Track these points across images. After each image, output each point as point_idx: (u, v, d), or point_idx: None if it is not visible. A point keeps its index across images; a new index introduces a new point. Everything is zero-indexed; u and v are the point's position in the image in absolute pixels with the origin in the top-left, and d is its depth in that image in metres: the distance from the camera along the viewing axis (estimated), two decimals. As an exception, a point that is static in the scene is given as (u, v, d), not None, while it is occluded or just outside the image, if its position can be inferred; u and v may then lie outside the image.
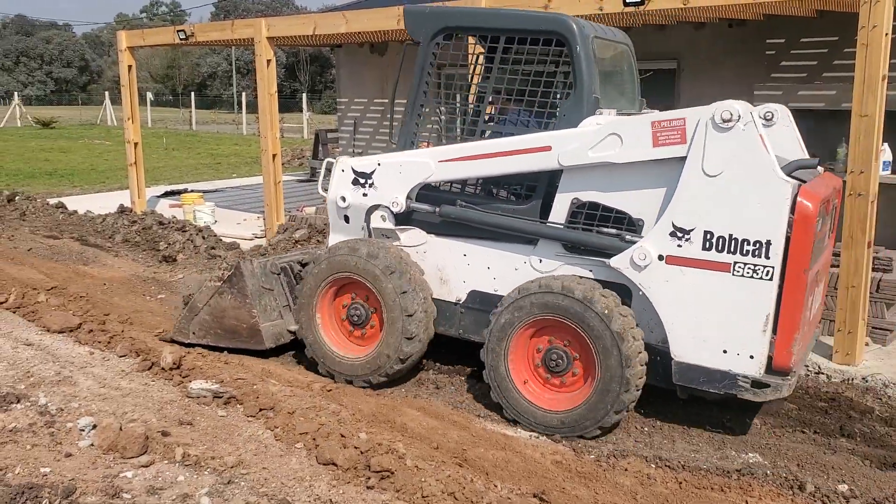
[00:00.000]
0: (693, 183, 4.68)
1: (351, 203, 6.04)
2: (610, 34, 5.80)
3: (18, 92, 56.61)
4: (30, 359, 6.05)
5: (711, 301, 4.70)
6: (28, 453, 4.46)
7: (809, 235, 4.46)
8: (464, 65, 5.86)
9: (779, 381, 4.63)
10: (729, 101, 4.65)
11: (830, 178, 5.42)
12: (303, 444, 4.68)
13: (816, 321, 5.63)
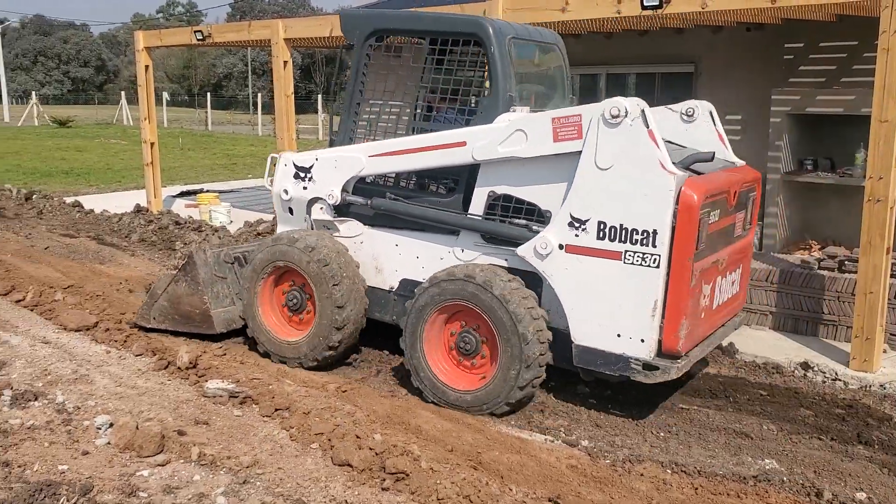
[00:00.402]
0: (587, 176, 4.97)
1: (293, 196, 6.40)
2: (537, 35, 6.16)
3: (36, 91, 57.03)
4: (47, 357, 6.09)
5: (606, 287, 4.97)
6: (46, 451, 4.49)
7: (693, 225, 4.71)
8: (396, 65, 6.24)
9: (668, 364, 4.87)
10: (618, 98, 4.90)
11: (741, 170, 5.72)
12: (318, 445, 4.68)
13: (733, 309, 5.86)
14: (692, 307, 4.93)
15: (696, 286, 4.96)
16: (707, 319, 5.32)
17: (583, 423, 5.32)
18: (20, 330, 6.76)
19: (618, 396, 5.79)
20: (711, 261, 5.13)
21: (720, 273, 5.37)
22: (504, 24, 5.78)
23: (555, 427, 5.22)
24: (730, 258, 5.51)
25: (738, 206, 5.51)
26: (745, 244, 5.82)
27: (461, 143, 5.49)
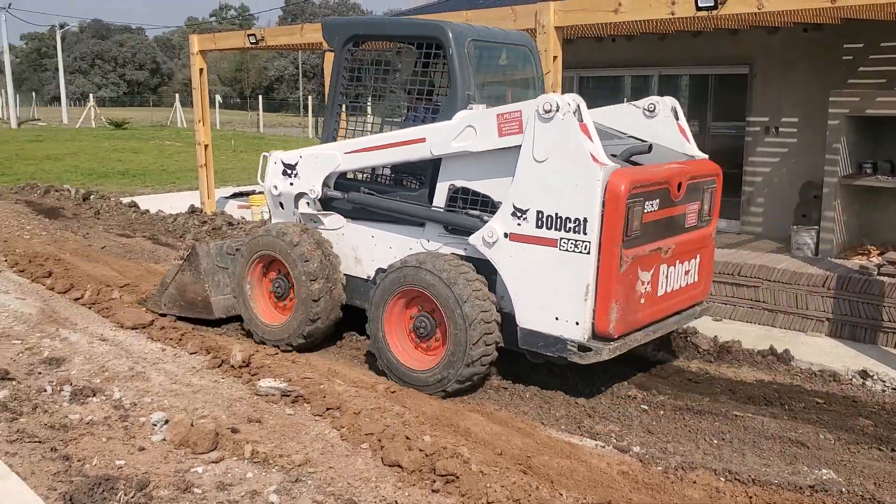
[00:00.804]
0: (526, 168, 5.32)
1: (282, 191, 6.88)
2: (503, 37, 6.60)
3: (93, 94, 58.45)
4: (105, 354, 6.23)
5: (544, 273, 5.29)
6: (104, 446, 4.59)
7: (620, 213, 5.00)
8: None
9: (600, 345, 5.17)
10: (552, 94, 5.26)
11: (694, 163, 5.97)
12: (368, 445, 4.71)
13: (691, 298, 6.08)
14: (624, 292, 5.20)
15: (629, 272, 5.22)
16: (650, 306, 5.53)
17: (634, 428, 5.26)
18: (79, 327, 6.93)
19: (670, 402, 5.72)
20: (650, 248, 5.38)
21: (665, 261, 5.59)
22: (465, 28, 6.18)
23: (605, 432, 5.17)
24: (679, 247, 5.72)
25: (689, 196, 5.73)
26: (701, 235, 6.00)
27: (421, 139, 5.88)
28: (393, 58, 6.41)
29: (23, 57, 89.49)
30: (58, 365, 5.91)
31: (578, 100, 5.19)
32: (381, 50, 6.70)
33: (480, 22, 8.98)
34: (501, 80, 6.63)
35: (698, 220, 5.92)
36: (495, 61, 6.56)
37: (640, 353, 6.68)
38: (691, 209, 5.81)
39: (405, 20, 6.57)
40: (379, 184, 6.53)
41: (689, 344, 6.84)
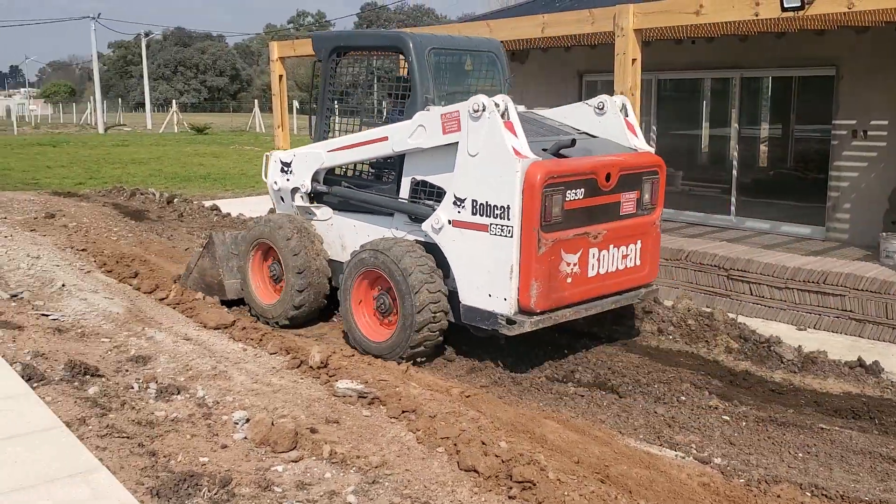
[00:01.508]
0: (463, 161, 6.03)
1: (281, 187, 7.69)
2: (465, 44, 7.38)
3: (175, 100, 60.30)
4: (189, 353, 6.41)
5: (479, 255, 5.98)
6: (188, 443, 4.71)
7: (537, 201, 5.62)
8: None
9: (524, 318, 5.80)
10: (481, 96, 5.92)
11: (631, 156, 6.47)
12: (444, 449, 4.72)
13: (631, 280, 6.59)
14: (546, 272, 5.80)
15: (550, 254, 5.82)
16: (578, 285, 6.12)
17: (715, 439, 5.14)
18: (164, 326, 7.15)
19: (752, 413, 5.57)
20: (575, 233, 5.98)
21: (596, 245, 6.17)
22: (426, 37, 6.92)
23: (685, 443, 5.07)
24: (613, 233, 6.27)
25: (623, 186, 6.27)
26: (641, 222, 6.52)
27: (385, 138, 6.66)
28: (368, 65, 7.52)
29: (110, 64, 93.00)
30: (144, 363, 6.11)
31: (507, 100, 5.88)
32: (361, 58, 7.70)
33: (557, 24, 8.95)
34: (472, 83, 7.40)
35: (637, 209, 6.46)
36: (460, 67, 7.42)
37: (722, 362, 6.53)
38: (627, 198, 6.35)
39: (375, 32, 7.61)
40: (360, 179, 7.37)
41: (772, 354, 6.65)
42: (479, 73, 7.50)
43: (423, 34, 7.07)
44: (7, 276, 8.62)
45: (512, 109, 5.88)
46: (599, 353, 6.58)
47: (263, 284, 7.69)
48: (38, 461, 4.13)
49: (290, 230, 7.26)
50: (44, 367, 5.72)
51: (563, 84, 13.04)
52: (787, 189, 11.10)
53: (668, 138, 12.19)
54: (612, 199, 6.21)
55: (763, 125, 11.72)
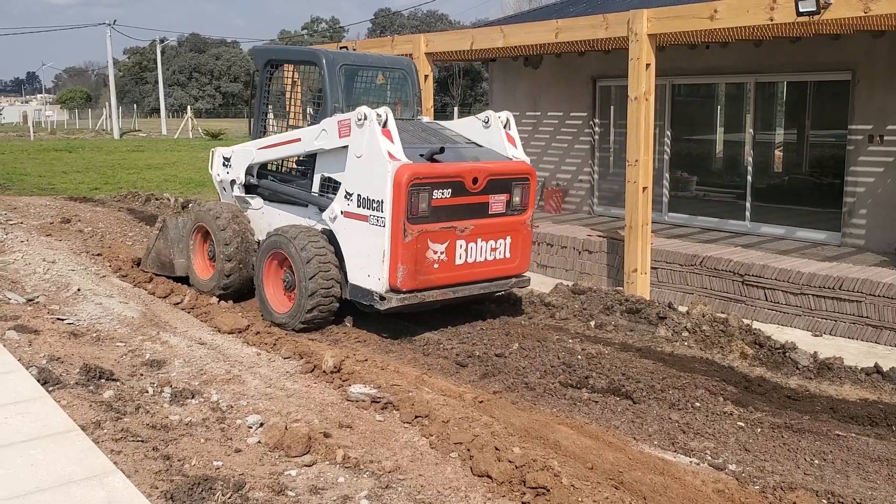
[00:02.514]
0: (352, 161, 7.08)
1: (222, 178, 8.83)
2: (378, 61, 8.50)
3: (190, 105, 60.63)
4: (203, 357, 6.43)
5: (361, 241, 7.02)
6: (202, 447, 4.73)
7: (403, 197, 6.64)
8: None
9: (392, 296, 6.84)
10: (364, 107, 6.94)
11: (501, 163, 7.43)
12: (457, 454, 4.71)
13: (501, 270, 7.53)
14: (412, 257, 6.82)
15: (417, 243, 6.82)
16: (445, 271, 7.11)
17: (730, 446, 5.11)
18: (178, 331, 7.18)
19: (767, 419, 5.53)
20: (441, 226, 6.96)
21: (463, 238, 7.15)
22: (338, 54, 8.00)
23: (700, 449, 5.03)
24: (480, 228, 7.24)
25: (493, 189, 7.24)
26: (509, 221, 7.47)
27: (298, 139, 7.76)
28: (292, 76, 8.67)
29: (125, 70, 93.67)
30: (159, 367, 6.13)
31: (388, 112, 6.90)
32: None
33: (571, 29, 8.96)
34: (388, 95, 8.60)
35: (507, 209, 7.41)
36: (372, 81, 8.56)
37: (737, 368, 6.50)
38: (496, 199, 7.32)
39: (297, 49, 8.94)
40: (285, 174, 8.40)
41: (787, 360, 6.61)
42: (393, 87, 8.63)
43: (337, 52, 8.14)
44: (23, 280, 8.68)
45: (391, 119, 6.89)
46: (613, 359, 6.55)
47: (203, 262, 8.70)
48: (55, 464, 4.15)
49: (224, 216, 8.31)
50: (59, 370, 5.76)
51: (576, 89, 13.04)
52: (802, 194, 11.05)
53: (682, 143, 12.16)
54: (480, 199, 7.22)
55: (778, 130, 11.67)
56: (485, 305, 8.26)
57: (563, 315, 7.92)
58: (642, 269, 8.49)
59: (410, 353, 6.78)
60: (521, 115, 14.13)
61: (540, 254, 10.19)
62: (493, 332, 7.30)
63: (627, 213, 8.51)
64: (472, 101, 64.23)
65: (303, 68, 8.35)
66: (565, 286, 8.60)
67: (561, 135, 13.48)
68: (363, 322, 7.70)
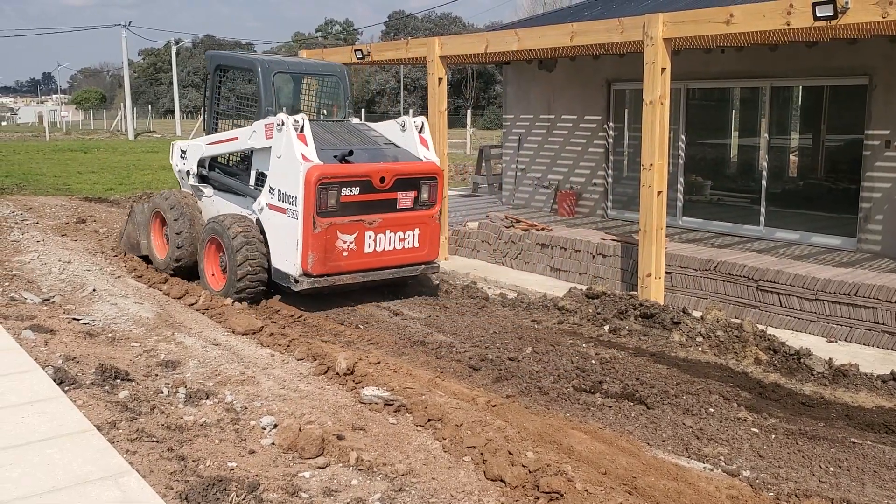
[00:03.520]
0: (274, 160, 8.10)
1: (180, 169, 10.00)
2: (311, 68, 9.63)
3: (205, 107, 60.74)
4: (217, 358, 6.46)
5: (281, 230, 8.02)
6: (216, 447, 4.75)
7: (312, 194, 7.61)
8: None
9: (304, 279, 7.83)
10: (282, 114, 7.96)
11: (409, 164, 8.40)
12: (470, 458, 4.71)
13: (409, 258, 8.48)
14: (322, 246, 7.77)
15: (326, 234, 7.77)
16: (355, 258, 8.06)
17: (744, 452, 5.08)
18: (193, 331, 7.21)
19: (782, 425, 5.50)
20: (350, 219, 7.91)
21: (372, 230, 8.10)
22: (273, 61, 8.98)
23: (714, 455, 5.01)
24: (389, 221, 8.19)
25: (401, 187, 8.19)
26: (418, 215, 8.43)
27: (236, 137, 8.84)
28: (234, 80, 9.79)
29: (140, 71, 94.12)
30: (173, 368, 6.16)
31: (304, 118, 7.89)
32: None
33: (586, 33, 8.95)
34: (323, 99, 9.67)
35: (415, 204, 8.36)
36: (304, 86, 9.61)
37: (752, 374, 6.47)
38: (404, 196, 8.25)
39: (239, 56, 9.63)
40: (232, 168, 9.39)
41: (802, 366, 6.57)
42: (326, 92, 9.63)
43: (272, 59, 9.09)
44: (39, 280, 8.75)
45: (307, 125, 7.85)
46: (627, 364, 6.53)
47: (160, 243, 9.75)
48: (70, 464, 4.18)
49: (175, 203, 9.36)
50: (75, 370, 5.79)
51: (590, 92, 13.02)
52: (817, 199, 10.99)
53: (696, 148, 12.12)
54: (388, 196, 8.14)
55: (793, 135, 11.61)
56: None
57: (577, 319, 7.91)
58: (656, 274, 8.46)
59: (423, 356, 6.78)
60: (534, 118, 14.13)
61: (553, 257, 10.17)
62: (506, 336, 7.29)
63: (642, 217, 8.48)
64: (486, 104, 64.19)
65: (244, 73, 9.21)
66: (579, 290, 8.58)
67: (575, 138, 13.46)
68: (376, 324, 7.71)
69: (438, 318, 7.98)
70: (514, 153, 14.61)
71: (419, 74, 61.23)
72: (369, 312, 8.16)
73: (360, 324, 7.72)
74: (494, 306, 8.56)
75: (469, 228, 11.45)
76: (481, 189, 17.84)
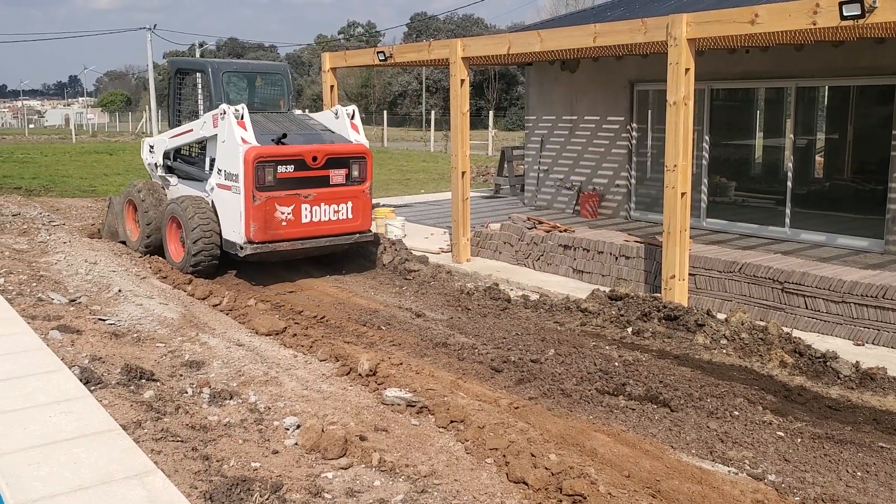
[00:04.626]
0: (220, 145, 9.45)
1: (149, 162, 11.57)
2: (257, 67, 11.54)
3: (228, 109, 61.16)
4: (241, 358, 6.50)
5: (228, 205, 9.34)
6: (240, 448, 4.78)
7: (250, 171, 8.93)
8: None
9: (248, 245, 9.07)
10: (224, 104, 9.37)
11: (339, 145, 9.83)
12: (493, 460, 4.71)
13: (344, 228, 9.80)
14: (262, 217, 9.02)
15: (266, 206, 9.04)
16: (293, 227, 9.29)
17: (769, 455, 5.03)
18: (217, 332, 7.26)
19: (808, 429, 5.44)
20: (287, 193, 9.20)
21: (307, 202, 9.38)
22: (222, 63, 10.81)
23: (738, 458, 4.97)
24: (322, 195, 9.51)
25: (332, 165, 9.57)
26: (350, 189, 9.78)
27: (191, 129, 10.29)
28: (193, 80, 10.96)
29: (165, 74, 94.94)
30: (198, 368, 6.21)
31: (244, 108, 9.28)
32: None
33: (609, 34, 8.91)
34: (269, 94, 11.07)
35: (347, 181, 9.72)
36: (252, 83, 11.09)
37: (777, 377, 6.40)
38: (336, 173, 9.60)
39: (194, 60, 11.66)
40: (192, 157, 10.77)
41: (828, 369, 6.50)
42: (272, 89, 11.06)
43: (221, 61, 10.83)
44: (66, 280, 8.84)
45: (246, 114, 9.24)
46: (651, 366, 6.50)
47: (134, 227, 11.07)
48: (97, 463, 4.22)
49: (144, 192, 10.73)
50: (101, 370, 5.85)
51: (613, 93, 12.97)
52: (843, 200, 10.85)
53: (720, 148, 12.03)
54: (321, 173, 9.48)
55: (819, 135, 11.49)
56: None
57: (600, 321, 7.87)
58: (680, 276, 8.40)
59: (445, 358, 6.78)
60: (557, 119, 14.09)
61: (576, 259, 10.13)
62: (528, 338, 7.27)
63: (665, 218, 8.43)
64: (508, 105, 64.05)
65: (198, 74, 10.60)
66: (602, 292, 8.54)
67: (597, 139, 13.41)
68: (398, 325, 7.73)
69: (461, 319, 7.98)
70: (537, 154, 14.58)
71: (441, 76, 61.24)
72: (391, 314, 8.17)
73: (383, 325, 7.73)
74: (517, 308, 8.54)
75: (491, 230, 11.43)
76: (503, 190, 17.82)
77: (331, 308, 8.32)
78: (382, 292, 9.16)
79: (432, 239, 12.55)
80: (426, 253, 11.25)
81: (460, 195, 11.01)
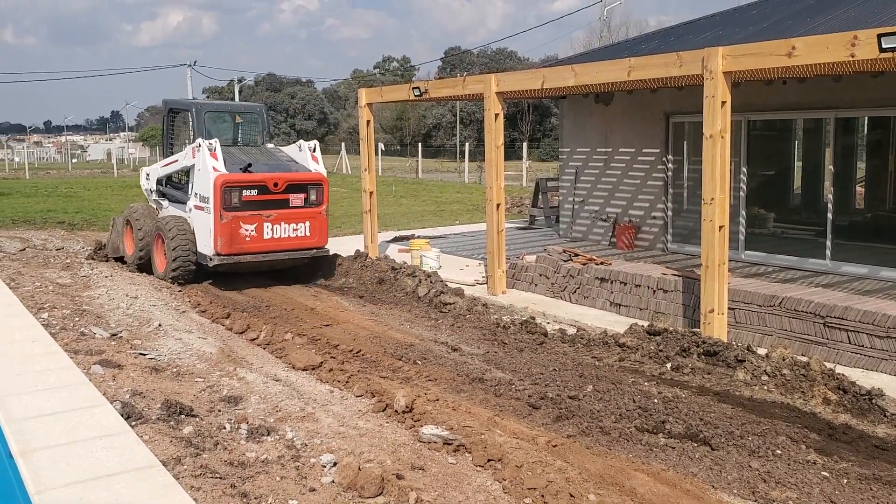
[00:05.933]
0: (197, 173, 11.26)
1: (146, 188, 13.46)
2: (236, 108, 13.60)
3: (266, 142, 62.08)
4: (278, 394, 6.53)
5: (201, 223, 11.06)
6: (278, 485, 4.79)
7: (219, 195, 10.71)
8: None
9: (216, 257, 10.82)
10: (200, 139, 11.24)
11: (299, 174, 11.53)
12: (531, 500, 4.66)
13: (302, 244, 11.48)
14: (228, 233, 10.75)
15: (231, 224, 10.77)
16: (255, 243, 11.00)
17: (814, 496, 4.91)
18: (254, 367, 7.31)
19: (854, 469, 5.30)
20: (250, 213, 10.93)
21: (269, 221, 11.09)
22: (205, 103, 13.21)
23: (782, 499, 4.86)
24: (282, 216, 11.21)
25: (292, 190, 11.28)
26: (308, 211, 11.46)
27: (177, 160, 12.09)
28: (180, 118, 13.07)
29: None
30: (236, 403, 6.25)
31: (216, 142, 11.07)
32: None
33: (643, 67, 8.93)
34: (247, 131, 12.89)
35: (305, 203, 11.41)
36: (231, 121, 12.84)
37: (820, 414, 6.27)
38: (295, 197, 11.31)
39: (181, 100, 13.56)
40: (180, 184, 12.26)
41: (874, 406, 6.35)
42: (249, 126, 12.91)
43: (205, 102, 13.23)
44: (107, 315, 8.99)
45: (218, 147, 11.00)
46: (691, 403, 6.40)
47: (130, 244, 12.58)
48: (137, 499, 4.25)
49: (139, 214, 12.37)
50: (141, 405, 5.92)
51: (648, 125, 12.94)
52: (886, 231, 10.67)
53: (758, 180, 11.91)
54: (282, 196, 11.20)
55: (859, 165, 11.33)
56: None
57: (638, 356, 7.79)
58: (719, 310, 8.29)
59: (482, 394, 6.75)
60: (591, 150, 14.09)
61: (613, 292, 10.06)
62: (566, 374, 7.21)
63: (703, 251, 8.35)
64: (541, 136, 64.20)
65: (185, 113, 12.47)
66: (640, 326, 8.46)
67: (633, 171, 13.36)
68: (434, 359, 7.71)
69: (497, 354, 7.95)
70: (571, 186, 14.56)
71: (475, 108, 61.67)
72: (427, 348, 8.17)
73: (418, 359, 7.72)
74: (553, 342, 8.49)
75: (526, 262, 11.41)
76: (538, 222, 17.80)
77: (367, 342, 8.34)
78: (418, 325, 9.16)
79: (467, 270, 12.55)
80: (461, 285, 11.25)
81: (495, 227, 11.02)
